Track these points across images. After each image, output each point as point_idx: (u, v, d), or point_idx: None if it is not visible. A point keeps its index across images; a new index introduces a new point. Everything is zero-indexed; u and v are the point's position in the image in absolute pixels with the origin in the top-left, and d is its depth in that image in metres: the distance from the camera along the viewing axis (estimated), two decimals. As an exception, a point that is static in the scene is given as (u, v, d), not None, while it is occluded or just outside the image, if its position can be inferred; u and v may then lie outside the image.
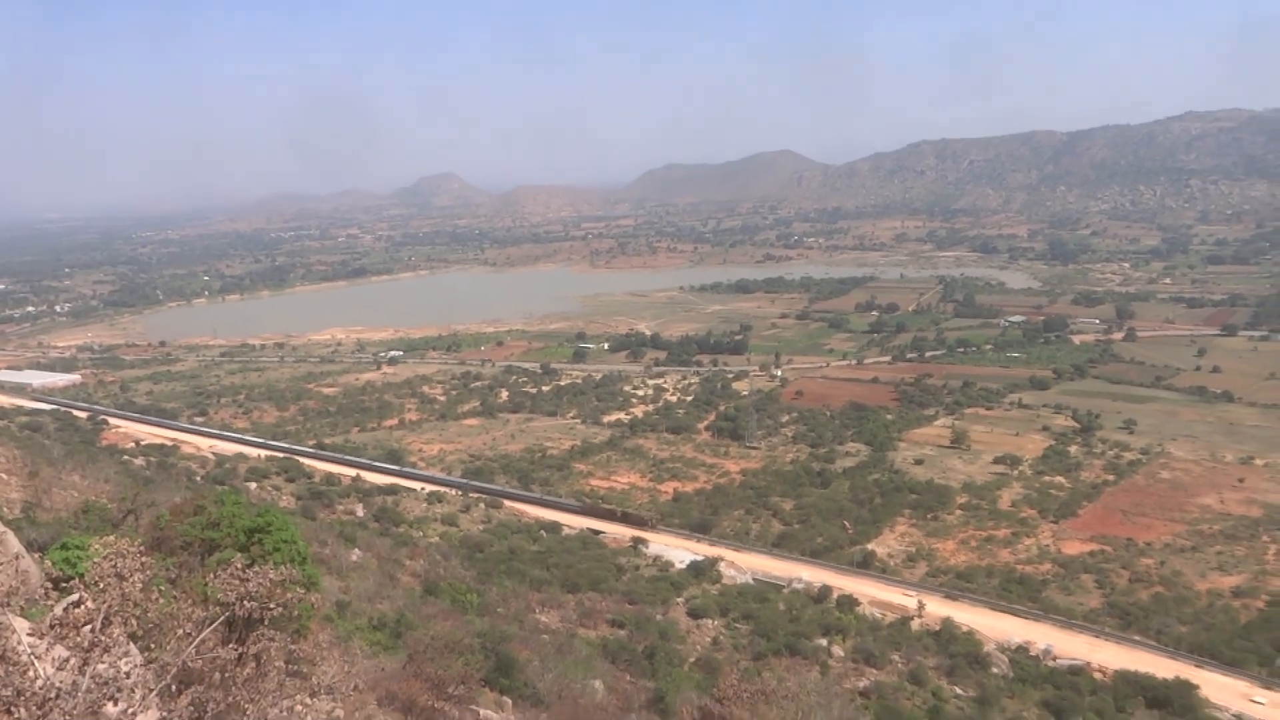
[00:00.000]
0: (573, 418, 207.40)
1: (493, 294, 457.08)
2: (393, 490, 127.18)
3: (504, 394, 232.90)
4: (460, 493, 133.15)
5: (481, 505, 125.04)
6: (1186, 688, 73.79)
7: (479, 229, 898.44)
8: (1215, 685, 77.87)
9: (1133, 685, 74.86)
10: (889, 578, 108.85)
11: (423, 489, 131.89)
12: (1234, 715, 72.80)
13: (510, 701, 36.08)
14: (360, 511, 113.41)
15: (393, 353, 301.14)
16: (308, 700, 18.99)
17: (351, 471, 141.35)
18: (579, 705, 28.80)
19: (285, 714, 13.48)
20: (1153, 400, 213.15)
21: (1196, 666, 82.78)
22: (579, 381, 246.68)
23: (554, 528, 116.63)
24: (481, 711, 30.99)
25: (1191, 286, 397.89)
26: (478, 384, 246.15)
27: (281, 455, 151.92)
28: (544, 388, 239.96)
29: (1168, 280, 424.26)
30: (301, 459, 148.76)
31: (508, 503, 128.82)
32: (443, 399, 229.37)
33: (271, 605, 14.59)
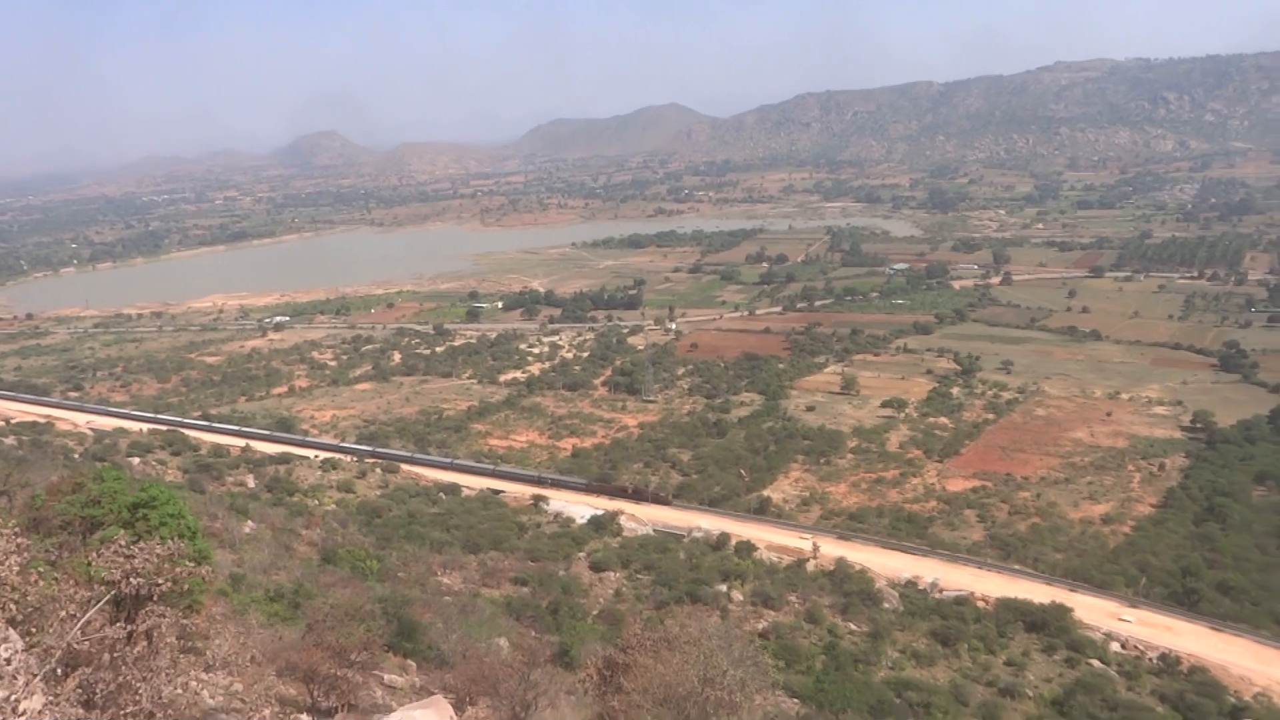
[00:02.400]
0: (469, 378, 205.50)
1: (381, 255, 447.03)
2: (285, 459, 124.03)
3: (397, 357, 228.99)
4: (357, 459, 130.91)
5: (378, 470, 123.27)
6: (1062, 611, 78.27)
7: (364, 188, 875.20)
8: (1087, 607, 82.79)
9: (1013, 611, 78.96)
10: (785, 522, 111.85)
11: (316, 456, 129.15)
12: (1104, 633, 77.58)
13: (414, 665, 36.10)
14: (251, 482, 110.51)
15: (279, 318, 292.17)
16: (203, 675, 18.70)
17: (240, 442, 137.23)
18: (484, 664, 28.97)
19: (180, 691, 13.27)
20: (1028, 341, 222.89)
21: (1070, 590, 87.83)
22: (473, 341, 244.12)
23: (453, 489, 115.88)
24: (385, 676, 30.95)
25: (1062, 231, 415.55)
26: (369, 347, 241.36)
27: (165, 428, 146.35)
28: (438, 349, 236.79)
29: (1040, 225, 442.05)
30: (187, 431, 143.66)
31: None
32: (333, 364, 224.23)
33: (160, 581, 14.26)
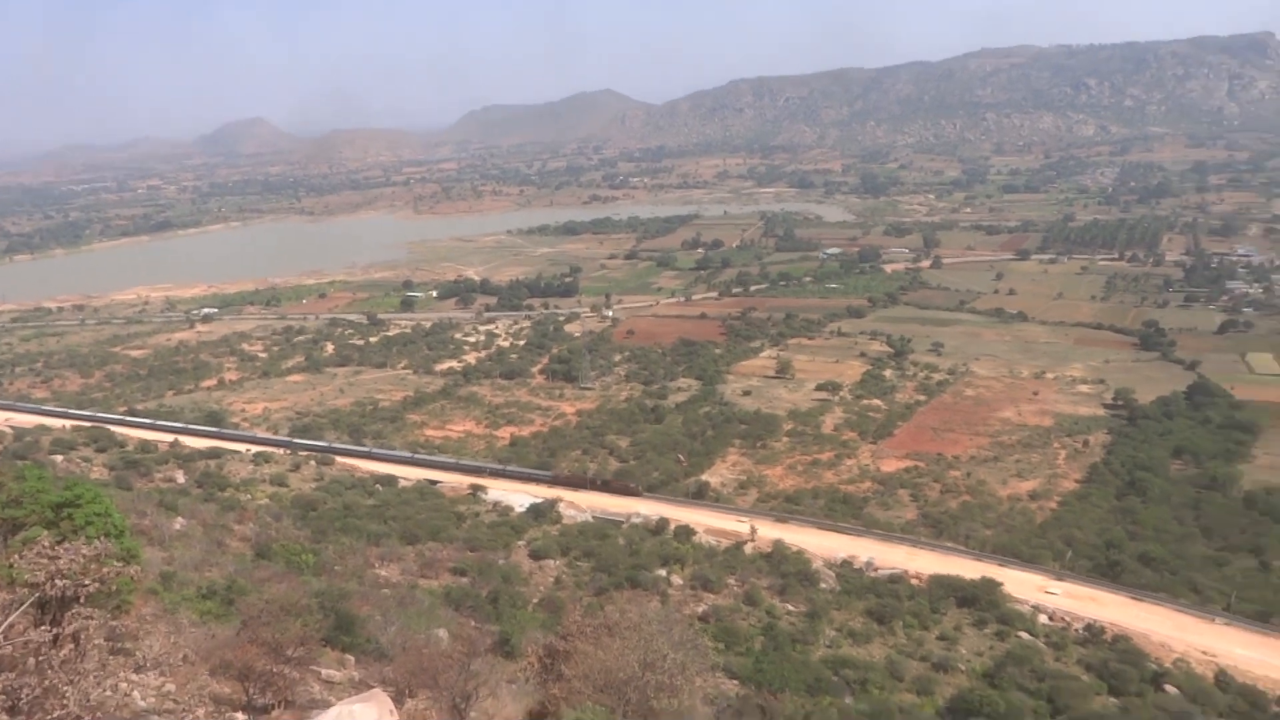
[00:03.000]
0: (404, 368, 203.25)
1: (312, 244, 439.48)
2: (215, 454, 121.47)
3: (330, 347, 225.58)
4: (291, 451, 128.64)
5: (312, 462, 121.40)
6: (991, 585, 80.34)
7: (293, 177, 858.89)
8: (1016, 581, 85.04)
9: (945, 587, 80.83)
10: (723, 506, 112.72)
11: (248, 450, 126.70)
12: (1033, 606, 79.82)
13: (353, 658, 35.75)
14: (181, 478, 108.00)
15: (206, 310, 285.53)
16: (133, 677, 18.36)
17: (169, 437, 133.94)
18: (423, 655, 28.82)
19: (109, 693, 13.05)
20: (957, 323, 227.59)
21: (1000, 565, 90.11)
22: (408, 331, 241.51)
23: (390, 481, 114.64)
24: (323, 671, 30.63)
25: (989, 215, 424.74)
26: (301, 338, 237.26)
27: (89, 424, 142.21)
28: (372, 339, 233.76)
29: (968, 209, 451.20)
30: (112, 427, 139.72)
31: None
32: (264, 356, 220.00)
33: (87, 582, 13.98)
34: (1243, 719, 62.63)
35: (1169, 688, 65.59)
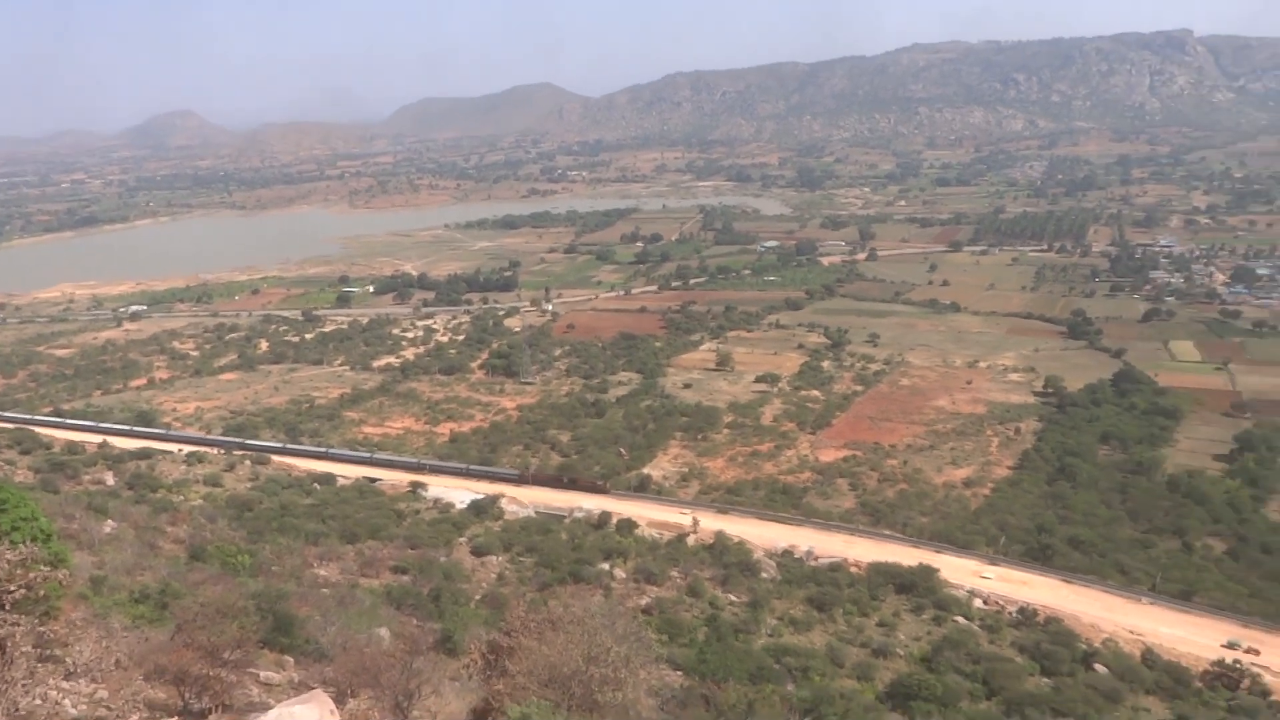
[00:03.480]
0: (340, 365, 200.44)
1: (244, 239, 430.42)
2: (146, 454, 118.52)
3: (264, 344, 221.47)
4: (224, 450, 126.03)
5: (247, 462, 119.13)
6: (928, 572, 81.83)
7: (224, 170, 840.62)
8: (952, 567, 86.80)
9: (883, 575, 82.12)
10: (665, 498, 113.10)
11: (180, 450, 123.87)
12: (968, 591, 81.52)
13: (292, 660, 35.22)
14: (110, 480, 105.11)
15: (135, 307, 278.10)
16: (64, 684, 17.91)
17: (97, 438, 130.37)
18: (364, 655, 28.52)
19: (39, 701, 12.74)
20: (893, 314, 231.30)
21: (936, 552, 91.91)
22: (345, 327, 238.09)
23: (328, 479, 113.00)
24: (261, 674, 30.14)
25: (923, 207, 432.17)
26: (234, 335, 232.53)
27: (12, 426, 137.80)
28: (307, 335, 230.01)
29: (903, 202, 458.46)
30: (37, 428, 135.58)
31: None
32: (196, 354, 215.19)
33: (13, 588, 13.61)
34: (1168, 695, 64.75)
35: (1099, 667, 67.51)
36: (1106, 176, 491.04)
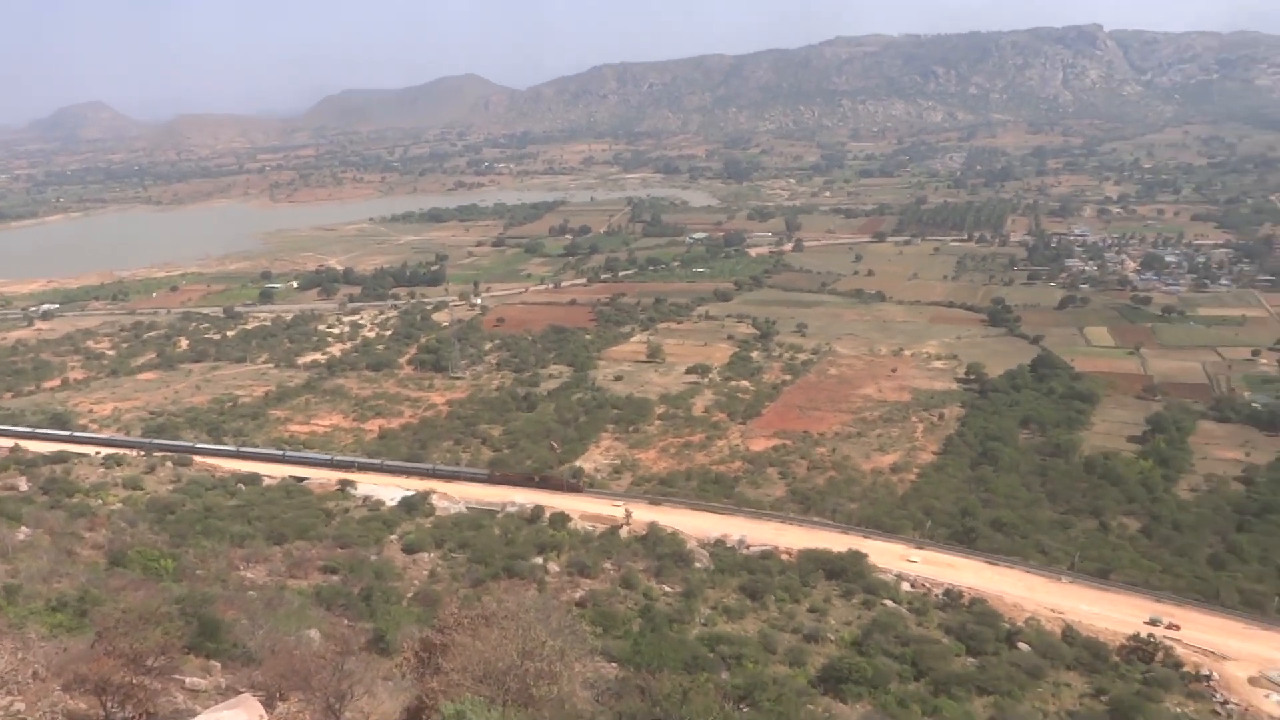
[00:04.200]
0: (264, 362, 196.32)
1: (162, 235, 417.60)
2: (61, 458, 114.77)
3: (184, 343, 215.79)
4: (144, 453, 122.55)
5: (169, 464, 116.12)
6: (857, 557, 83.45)
7: (138, 164, 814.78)
8: (880, 551, 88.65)
9: (814, 561, 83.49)
10: (597, 491, 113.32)
11: (98, 453, 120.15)
12: (896, 575, 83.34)
13: (219, 665, 34.51)
14: (24, 485, 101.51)
15: (46, 306, 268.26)
16: (-22, 698, 17.33)
17: (8, 442, 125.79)
18: (294, 657, 28.09)
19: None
20: (820, 304, 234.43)
21: (865, 537, 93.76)
22: (268, 324, 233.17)
23: (253, 479, 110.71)
24: (187, 680, 29.49)
25: (848, 198, 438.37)
26: (153, 334, 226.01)
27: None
28: (229, 333, 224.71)
29: (828, 194, 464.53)
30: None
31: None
32: (112, 353, 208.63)
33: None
34: (1087, 669, 67.02)
35: (1022, 645, 69.58)
36: (1023, 167, 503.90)
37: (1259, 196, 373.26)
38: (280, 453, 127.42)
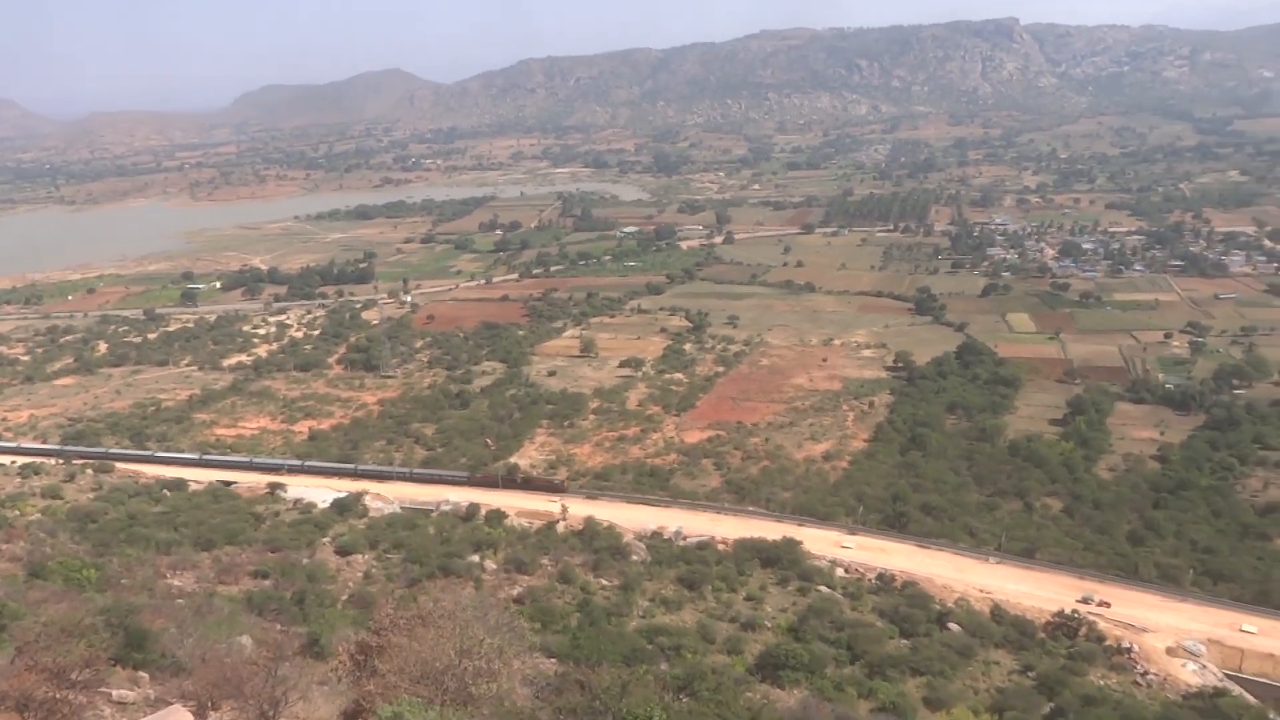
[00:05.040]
0: (188, 365, 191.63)
1: (76, 236, 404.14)
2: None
3: (103, 346, 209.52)
4: (63, 460, 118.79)
5: (89, 471, 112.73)
6: (792, 545, 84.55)
7: (50, 163, 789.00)
8: (814, 539, 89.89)
9: (750, 550, 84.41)
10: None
11: (14, 462, 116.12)
12: (830, 561, 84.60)
13: (147, 676, 33.75)
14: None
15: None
16: (-109, 719, 16.76)
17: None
18: (225, 665, 27.62)
19: None
20: (751, 296, 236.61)
21: (799, 525, 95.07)
22: (191, 325, 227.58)
23: (178, 485, 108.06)
24: (114, 692, 28.81)
25: (776, 191, 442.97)
26: (69, 338, 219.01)
27: None
28: (150, 335, 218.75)
29: (756, 186, 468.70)
30: None
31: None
32: (26, 359, 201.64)
33: None
34: (1015, 647, 68.93)
35: (953, 626, 71.23)
36: (945, 159, 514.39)
37: (1168, 185, 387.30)
38: (283, 462, 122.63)
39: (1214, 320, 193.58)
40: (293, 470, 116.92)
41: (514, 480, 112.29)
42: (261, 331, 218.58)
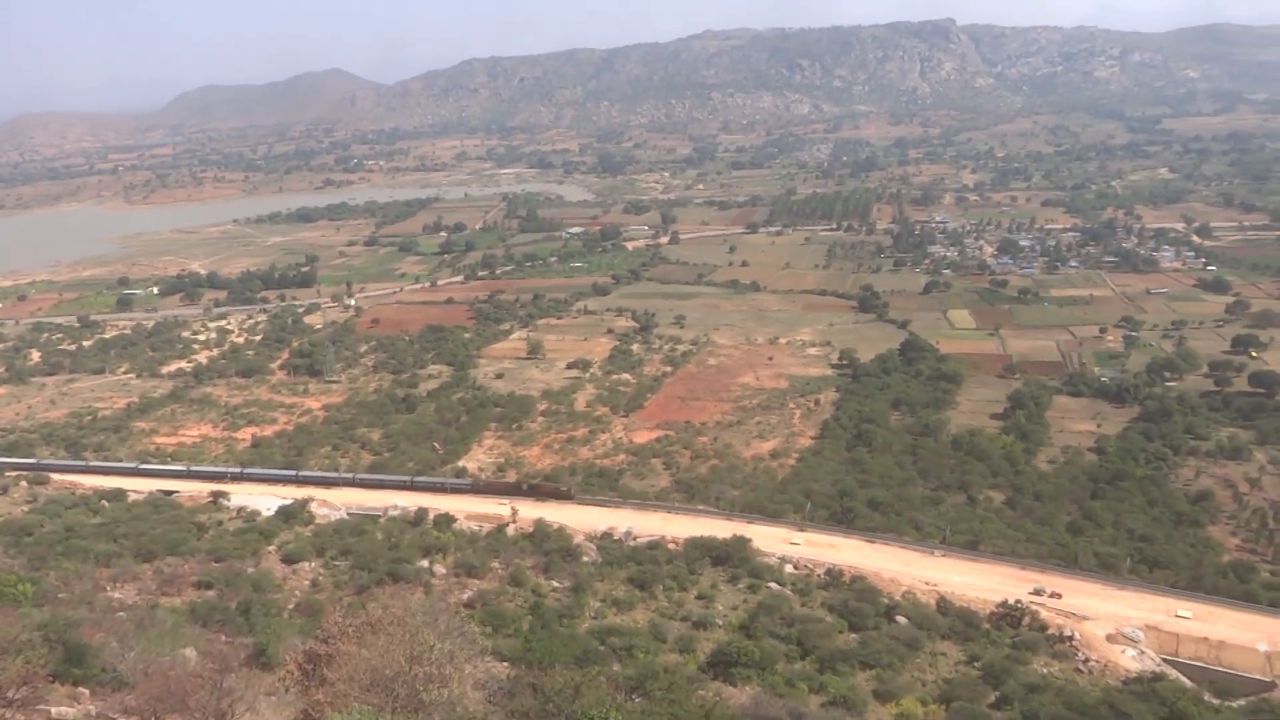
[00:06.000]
0: (125, 373, 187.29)
1: (6, 241, 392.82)
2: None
3: (35, 355, 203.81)
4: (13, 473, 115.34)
5: (23, 483, 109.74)
6: (742, 543, 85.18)
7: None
8: (763, 536, 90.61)
9: (700, 548, 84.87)
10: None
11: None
12: (779, 558, 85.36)
13: (87, 692, 33.02)
14: None
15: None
16: None
17: None
18: (169, 679, 27.12)
19: None
20: (697, 296, 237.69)
21: (749, 523, 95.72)
22: (128, 332, 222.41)
23: (117, 496, 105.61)
24: (54, 710, 28.15)
25: (720, 191, 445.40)
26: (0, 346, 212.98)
27: None
28: (85, 343, 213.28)
29: (701, 186, 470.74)
30: None
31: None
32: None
33: None
34: (961, 638, 70.21)
35: (900, 619, 72.40)
36: (886, 158, 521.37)
37: (1101, 182, 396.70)
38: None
39: (1146, 315, 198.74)
40: (235, 478, 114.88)
41: (520, 487, 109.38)
42: (201, 337, 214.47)
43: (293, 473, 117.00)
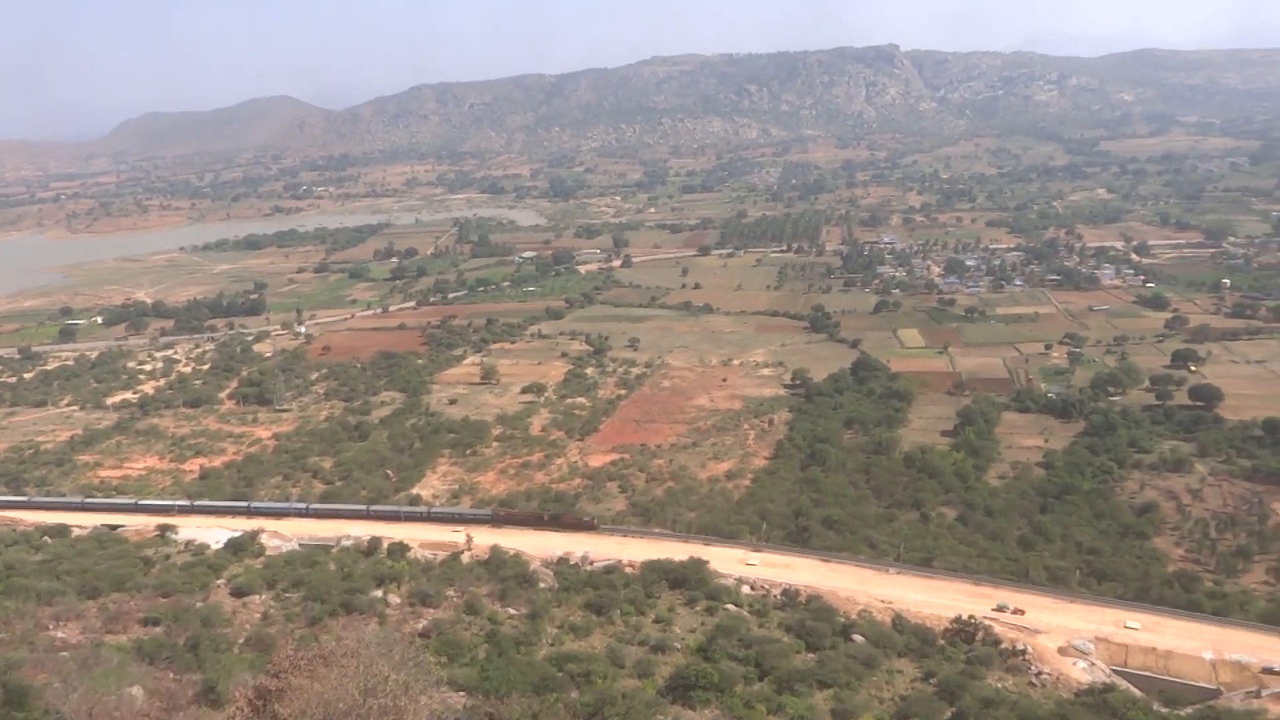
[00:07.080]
0: (68, 405, 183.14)
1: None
2: None
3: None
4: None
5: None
6: (699, 565, 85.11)
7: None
8: (720, 557, 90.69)
9: (657, 571, 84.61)
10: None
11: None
12: (736, 579, 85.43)
13: (30, 734, 32.17)
14: None
15: None
16: None
17: None
18: (114, 718, 26.54)
19: None
20: (651, 318, 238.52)
21: (705, 545, 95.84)
22: (71, 363, 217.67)
23: (60, 531, 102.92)
24: (-6, 754, 27.38)
25: (672, 214, 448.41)
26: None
27: None
28: (26, 375, 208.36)
29: (653, 210, 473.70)
30: None
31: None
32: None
33: None
34: (917, 655, 70.74)
35: (857, 637, 72.72)
36: (834, 180, 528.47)
37: (1043, 203, 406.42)
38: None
39: (1089, 331, 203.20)
40: (183, 510, 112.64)
41: (541, 518, 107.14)
42: (147, 367, 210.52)
43: (244, 504, 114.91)
